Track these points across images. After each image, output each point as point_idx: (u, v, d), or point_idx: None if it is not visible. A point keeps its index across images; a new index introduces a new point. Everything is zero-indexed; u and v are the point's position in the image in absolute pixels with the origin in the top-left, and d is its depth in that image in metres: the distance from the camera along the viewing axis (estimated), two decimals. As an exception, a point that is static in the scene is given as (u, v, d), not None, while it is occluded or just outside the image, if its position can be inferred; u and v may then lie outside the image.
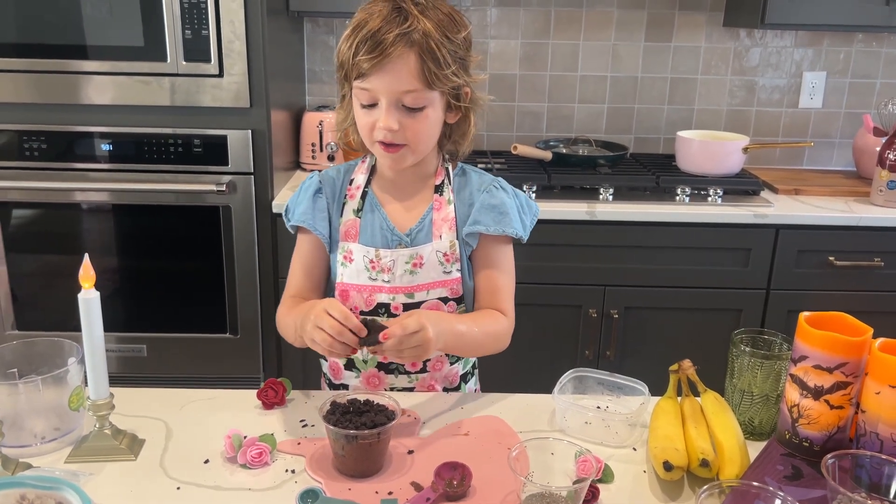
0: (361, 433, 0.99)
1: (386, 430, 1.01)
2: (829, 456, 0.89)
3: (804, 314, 0.99)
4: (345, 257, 1.27)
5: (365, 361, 1.30)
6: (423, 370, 1.30)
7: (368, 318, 1.10)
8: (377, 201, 1.29)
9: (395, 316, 1.26)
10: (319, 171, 1.34)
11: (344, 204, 1.30)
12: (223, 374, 2.26)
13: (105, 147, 2.11)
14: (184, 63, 2.03)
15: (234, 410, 1.18)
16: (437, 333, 1.09)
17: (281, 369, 2.30)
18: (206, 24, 2.00)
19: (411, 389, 1.30)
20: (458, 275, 1.27)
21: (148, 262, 2.23)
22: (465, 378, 1.37)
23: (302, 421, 1.15)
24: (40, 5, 2.00)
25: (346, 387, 1.32)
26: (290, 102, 2.46)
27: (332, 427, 1.00)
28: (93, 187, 2.13)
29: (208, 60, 2.03)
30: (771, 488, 0.85)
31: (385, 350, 1.07)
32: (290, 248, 2.18)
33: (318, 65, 2.67)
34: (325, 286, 1.33)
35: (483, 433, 1.13)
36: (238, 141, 2.10)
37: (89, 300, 0.99)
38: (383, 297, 1.26)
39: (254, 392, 1.21)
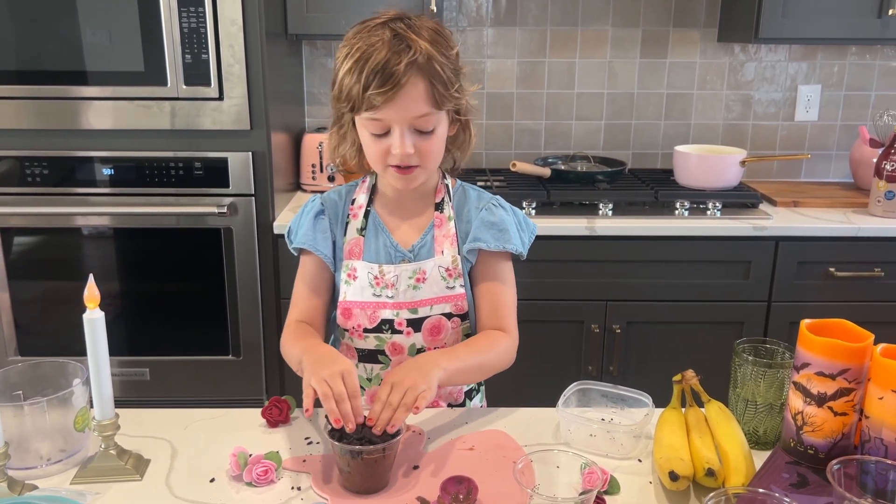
0: (367, 449, 0.99)
1: (391, 445, 1.01)
2: (833, 462, 0.89)
3: (805, 321, 0.99)
4: (349, 275, 1.28)
5: (369, 380, 1.30)
6: None
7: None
8: (380, 220, 1.31)
9: (399, 332, 1.27)
10: (321, 192, 1.35)
11: (347, 224, 1.31)
12: (226, 396, 2.26)
13: (106, 171, 2.12)
14: (184, 87, 2.05)
15: (239, 429, 1.18)
16: (422, 373, 1.07)
17: (284, 390, 2.30)
18: (205, 48, 2.03)
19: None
20: (462, 290, 1.28)
21: (150, 285, 2.24)
22: (469, 395, 1.37)
23: (307, 438, 1.15)
24: (41, 33, 2.02)
25: None
26: (290, 124, 2.48)
27: (337, 443, 1.00)
28: (94, 212, 2.14)
29: (208, 84, 2.05)
30: (776, 495, 0.85)
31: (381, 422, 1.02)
32: (292, 268, 2.18)
33: (318, 87, 2.69)
34: (330, 307, 1.34)
35: (488, 447, 1.12)
36: (239, 163, 2.12)
37: (94, 320, 1.00)
38: (387, 314, 1.26)
39: (258, 411, 1.21)
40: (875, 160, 2.33)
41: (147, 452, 1.10)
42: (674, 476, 0.98)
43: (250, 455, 1.05)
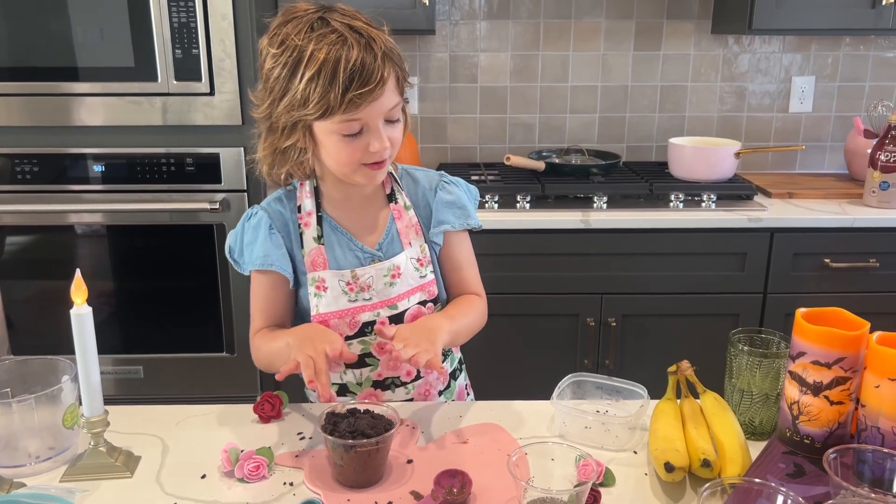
0: (360, 443, 0.98)
1: (385, 439, 1.00)
2: (830, 451, 0.88)
3: (801, 310, 0.99)
4: (317, 287, 1.23)
5: (359, 384, 1.29)
6: (418, 377, 1.30)
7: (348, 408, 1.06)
8: (335, 223, 1.26)
9: None
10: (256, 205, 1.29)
11: (301, 234, 1.26)
12: (220, 392, 2.25)
13: (97, 168, 2.11)
14: (175, 82, 2.04)
15: (231, 425, 1.17)
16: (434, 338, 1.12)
17: (278, 387, 2.28)
18: (196, 44, 2.01)
19: (411, 400, 1.29)
20: (432, 276, 1.28)
21: (143, 282, 2.23)
22: (454, 375, 1.37)
23: (299, 433, 1.14)
24: (31, 29, 2.01)
25: None
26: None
27: (330, 437, 0.99)
28: (86, 209, 2.13)
29: (199, 79, 2.04)
30: (773, 484, 0.85)
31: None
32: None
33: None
34: (291, 322, 1.30)
35: (482, 440, 1.12)
36: (231, 158, 2.10)
37: (82, 316, 0.98)
38: (367, 316, 1.24)
39: (250, 406, 1.20)
40: (869, 151, 2.33)
41: (137, 449, 1.09)
42: (669, 467, 0.97)
43: (242, 451, 1.04)
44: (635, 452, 1.09)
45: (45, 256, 2.20)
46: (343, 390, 1.29)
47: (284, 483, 1.02)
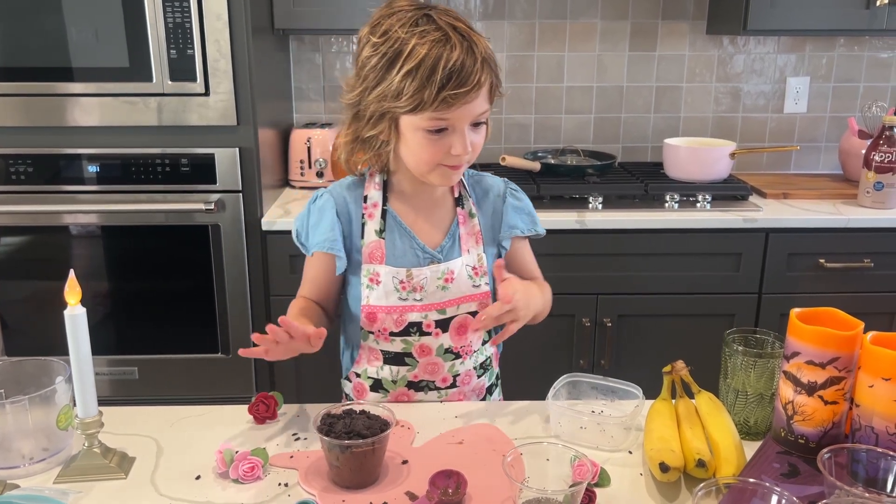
0: (356, 443, 0.98)
1: (380, 439, 1.00)
2: (824, 451, 0.88)
3: (795, 310, 0.99)
4: (370, 280, 1.24)
5: (394, 382, 1.28)
6: (453, 385, 1.29)
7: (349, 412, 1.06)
8: (399, 219, 1.26)
9: (427, 334, 1.25)
10: (314, 189, 1.32)
11: (363, 224, 1.26)
12: (216, 393, 2.24)
13: (92, 169, 2.10)
14: (170, 83, 2.03)
15: (226, 426, 1.17)
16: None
17: (274, 387, 2.28)
18: (191, 44, 2.01)
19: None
20: (487, 288, 1.27)
21: (138, 283, 2.22)
22: (490, 390, 1.36)
23: (294, 434, 1.14)
24: (25, 29, 2.00)
25: None
26: (278, 120, 2.47)
27: (326, 438, 0.99)
28: (81, 209, 2.12)
29: (194, 80, 2.03)
30: (768, 484, 0.85)
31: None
32: (281, 265, 2.17)
33: (305, 82, 2.67)
34: (338, 298, 1.32)
35: (477, 441, 1.12)
36: (226, 159, 2.10)
37: (76, 317, 0.98)
38: (415, 316, 1.24)
39: (245, 407, 1.20)
40: (864, 151, 2.33)
41: (132, 450, 1.09)
42: (664, 467, 0.98)
43: (237, 452, 1.04)
44: (630, 452, 1.09)
45: (39, 257, 2.19)
46: (377, 386, 1.29)
47: (279, 484, 1.02)
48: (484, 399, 1.34)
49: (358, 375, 1.30)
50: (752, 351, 1.13)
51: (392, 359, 1.27)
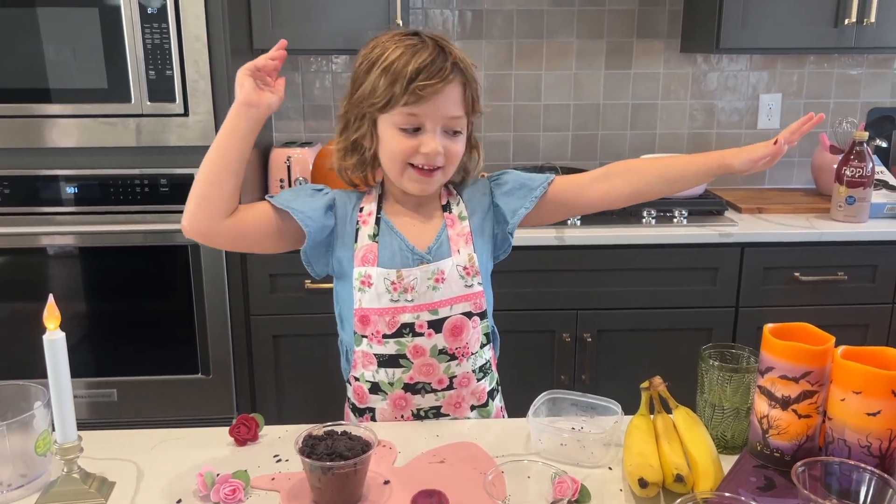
0: (338, 464, 0.98)
1: (362, 460, 1.00)
2: (798, 464, 0.90)
3: (769, 326, 1.01)
4: (362, 282, 1.26)
5: (391, 384, 1.29)
6: (450, 387, 1.29)
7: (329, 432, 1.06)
8: (392, 224, 1.29)
9: (420, 335, 1.25)
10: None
11: (357, 230, 1.29)
12: (196, 415, 2.23)
13: (70, 190, 2.10)
14: (148, 103, 2.04)
15: (206, 448, 1.16)
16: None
17: (255, 407, 2.27)
18: (169, 65, 2.01)
19: (438, 408, 1.28)
20: (480, 288, 1.28)
21: (117, 304, 2.21)
22: (491, 395, 1.36)
23: (276, 456, 1.14)
24: (1, 50, 1.99)
25: (371, 410, 1.30)
26: (257, 139, 2.45)
27: (308, 459, 0.99)
28: (59, 231, 2.11)
29: (173, 100, 2.04)
30: (744, 498, 0.86)
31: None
32: (261, 284, 2.16)
33: (285, 101, 2.66)
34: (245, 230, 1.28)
35: (459, 459, 1.12)
36: (205, 179, 2.10)
37: (55, 341, 0.98)
38: (407, 317, 1.25)
39: (226, 429, 1.19)
40: (835, 166, 2.38)
41: (112, 475, 1.08)
42: (643, 483, 0.99)
43: (218, 474, 1.04)
44: (610, 469, 1.10)
45: (16, 279, 2.17)
46: (375, 388, 1.29)
47: (261, 506, 1.02)
48: (486, 404, 1.34)
49: (357, 379, 1.31)
50: (728, 366, 1.14)
51: (386, 361, 1.27)
